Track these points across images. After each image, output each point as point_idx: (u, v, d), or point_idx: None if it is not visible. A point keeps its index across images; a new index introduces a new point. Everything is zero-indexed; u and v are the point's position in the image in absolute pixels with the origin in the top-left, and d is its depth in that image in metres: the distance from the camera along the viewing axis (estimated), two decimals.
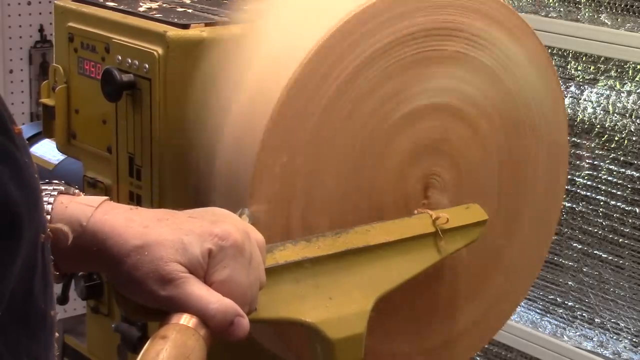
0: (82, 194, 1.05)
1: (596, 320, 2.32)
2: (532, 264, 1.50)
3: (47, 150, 1.82)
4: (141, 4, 1.63)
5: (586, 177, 2.26)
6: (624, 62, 2.19)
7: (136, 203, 1.51)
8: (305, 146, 1.24)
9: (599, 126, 2.23)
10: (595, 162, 2.23)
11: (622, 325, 2.27)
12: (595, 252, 2.26)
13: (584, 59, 2.27)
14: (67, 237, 0.99)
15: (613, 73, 2.22)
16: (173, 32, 1.46)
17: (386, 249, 1.24)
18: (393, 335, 1.36)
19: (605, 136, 2.22)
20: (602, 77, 2.24)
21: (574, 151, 2.25)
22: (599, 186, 2.23)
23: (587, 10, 2.23)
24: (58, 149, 1.71)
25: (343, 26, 1.25)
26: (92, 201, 1.01)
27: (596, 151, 2.23)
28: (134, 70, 1.48)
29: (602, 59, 2.23)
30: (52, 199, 1.01)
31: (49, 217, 1.00)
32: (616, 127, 2.19)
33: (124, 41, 1.51)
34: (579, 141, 2.26)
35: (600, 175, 2.23)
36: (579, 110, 2.26)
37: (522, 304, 2.40)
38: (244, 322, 0.99)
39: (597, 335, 2.32)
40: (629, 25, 2.16)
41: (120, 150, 1.53)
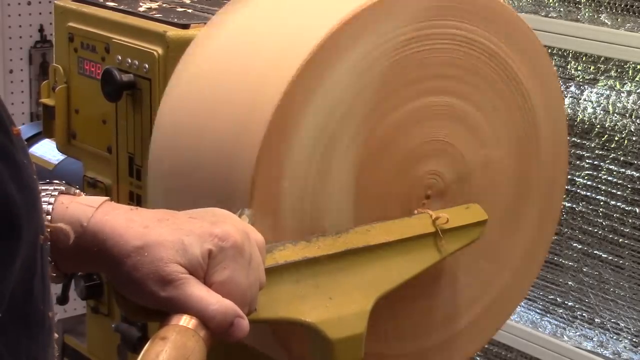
0: (82, 194, 1.05)
1: (596, 320, 2.31)
2: (532, 264, 1.50)
3: (47, 150, 1.82)
4: (141, 4, 1.64)
5: (586, 177, 2.25)
6: (624, 62, 2.19)
7: (136, 203, 1.51)
8: (305, 146, 1.24)
9: (599, 126, 2.22)
10: (595, 162, 2.23)
11: (622, 325, 2.27)
12: (595, 252, 2.26)
13: (584, 59, 2.26)
14: (68, 237, 0.99)
15: (613, 73, 2.22)
16: (173, 32, 1.46)
17: (386, 249, 1.24)
18: (391, 335, 1.36)
19: (605, 136, 2.22)
20: (602, 77, 2.24)
21: (574, 151, 2.25)
22: (599, 186, 2.23)
23: (587, 10, 2.23)
24: (58, 149, 1.71)
25: (349, 21, 1.25)
26: (93, 201, 1.01)
27: (596, 151, 2.23)
28: (134, 70, 1.48)
29: (602, 59, 2.23)
30: (52, 199, 1.01)
31: (49, 217, 1.00)
32: (616, 127, 2.19)
33: (124, 41, 1.51)
34: (579, 141, 2.26)
35: (600, 175, 2.23)
36: (579, 110, 2.26)
37: (522, 304, 2.40)
38: (244, 323, 0.99)
39: (597, 335, 2.32)
40: (629, 25, 2.16)
41: (120, 150, 1.53)
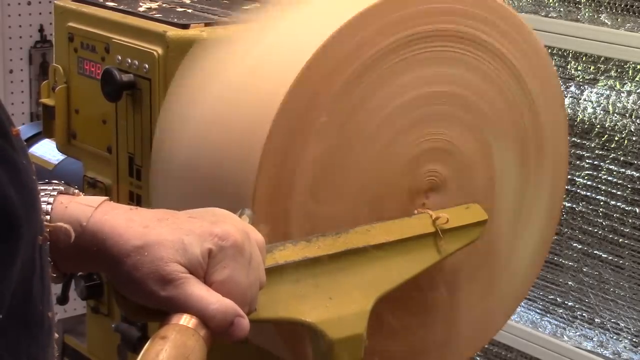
0: (81, 194, 1.05)
1: (596, 320, 2.31)
2: (532, 264, 1.50)
3: (47, 150, 1.82)
4: (141, 4, 1.64)
5: (586, 177, 2.25)
6: (624, 62, 2.19)
7: (136, 203, 1.51)
8: (309, 144, 1.24)
9: (599, 126, 2.22)
10: (595, 162, 2.23)
11: (622, 325, 2.27)
12: (595, 252, 2.26)
13: (584, 59, 2.26)
14: (69, 236, 0.99)
15: (613, 73, 2.22)
16: (173, 32, 1.46)
17: (386, 249, 1.24)
18: (391, 335, 1.36)
19: (605, 136, 2.21)
20: (602, 77, 2.23)
21: (574, 151, 2.25)
22: (599, 186, 2.23)
23: (587, 10, 2.23)
24: (58, 149, 1.71)
25: (349, 23, 1.25)
26: (92, 201, 1.01)
27: (596, 151, 2.23)
28: (134, 70, 1.48)
29: (602, 59, 2.23)
30: (51, 199, 1.01)
31: (48, 217, 1.00)
32: (616, 127, 2.19)
33: (124, 41, 1.51)
34: (579, 141, 2.25)
35: (600, 175, 2.23)
36: (579, 110, 2.25)
37: (522, 304, 2.39)
38: (244, 323, 0.99)
39: (597, 335, 2.32)
40: (629, 25, 2.16)
41: (120, 150, 1.53)
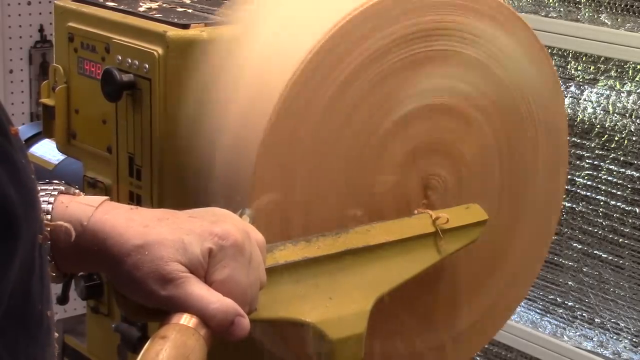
0: (82, 194, 1.05)
1: (596, 320, 2.32)
2: (532, 264, 1.50)
3: (47, 150, 1.82)
4: (141, 4, 1.63)
5: (586, 177, 2.26)
6: (624, 62, 2.19)
7: (136, 203, 1.51)
8: (305, 146, 1.24)
9: (599, 126, 2.22)
10: (595, 162, 2.23)
11: (622, 325, 2.27)
12: (595, 252, 2.26)
13: (584, 59, 2.26)
14: (70, 235, 0.99)
15: (613, 73, 2.22)
16: (173, 32, 1.46)
17: (386, 249, 1.24)
18: (393, 335, 1.36)
19: (605, 136, 2.22)
20: (602, 77, 2.24)
21: (574, 151, 2.25)
22: (599, 186, 2.23)
23: (587, 10, 2.23)
24: (58, 149, 1.70)
25: (344, 26, 1.25)
26: (93, 201, 1.01)
27: (596, 151, 2.23)
28: (134, 70, 1.48)
29: (602, 59, 2.23)
30: (52, 198, 1.01)
31: (49, 217, 1.00)
32: (616, 127, 2.19)
33: (124, 41, 1.51)
34: (579, 141, 2.26)
35: (600, 175, 2.23)
36: (579, 110, 2.26)
37: (522, 304, 2.40)
38: (244, 322, 0.99)
39: (597, 335, 2.32)
40: (629, 25, 2.16)
41: (120, 150, 1.53)
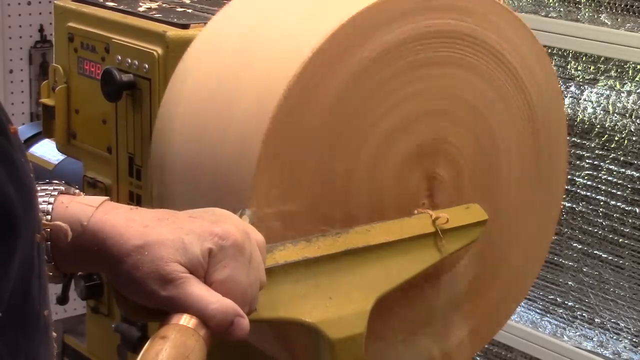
0: (82, 194, 1.05)
1: (596, 320, 2.32)
2: (532, 264, 1.50)
3: (47, 150, 1.82)
4: (141, 4, 1.64)
5: (586, 177, 2.26)
6: (624, 62, 2.19)
7: (136, 203, 1.51)
8: (308, 145, 1.24)
9: (599, 126, 2.22)
10: (595, 162, 2.23)
11: (622, 325, 2.27)
12: (595, 252, 2.26)
13: (584, 59, 2.26)
14: (66, 235, 0.99)
15: (613, 73, 2.22)
16: (173, 32, 1.46)
17: (386, 249, 1.24)
18: (393, 334, 1.36)
19: (605, 136, 2.22)
20: (602, 77, 2.24)
21: (574, 151, 2.25)
22: (599, 186, 2.23)
23: (587, 10, 2.23)
24: (58, 149, 1.71)
25: (348, 24, 1.25)
26: (93, 201, 1.01)
27: (596, 151, 2.23)
28: (133, 70, 1.48)
29: (602, 59, 2.23)
30: (52, 198, 1.01)
31: (49, 217, 1.00)
32: (616, 127, 2.19)
33: (124, 41, 1.51)
34: (579, 141, 2.26)
35: (600, 175, 2.23)
36: (579, 110, 2.26)
37: (522, 304, 2.40)
38: (244, 322, 0.99)
39: (597, 335, 2.32)
40: (629, 25, 2.16)
41: (120, 150, 1.53)
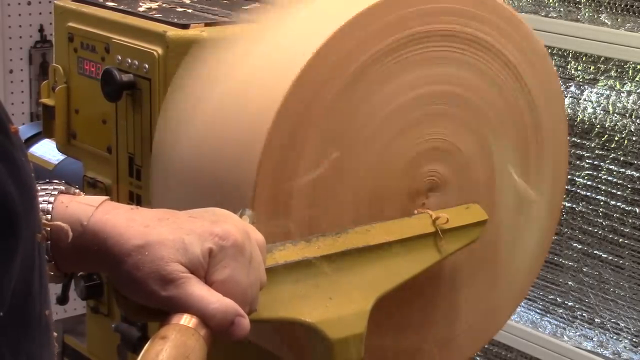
0: (82, 193, 1.05)
1: (596, 320, 2.31)
2: (532, 264, 1.50)
3: (47, 150, 1.82)
4: (141, 4, 1.64)
5: (586, 177, 2.26)
6: (624, 62, 2.19)
7: (136, 203, 1.51)
8: (308, 144, 1.24)
9: (599, 126, 2.22)
10: (595, 162, 2.23)
11: (622, 325, 2.27)
12: (595, 252, 2.26)
13: (584, 59, 2.26)
14: (67, 235, 0.99)
15: (613, 73, 2.22)
16: (173, 32, 1.46)
17: (386, 249, 1.24)
18: (395, 331, 1.36)
19: (605, 136, 2.22)
20: (602, 77, 2.24)
21: (574, 151, 2.25)
22: (599, 186, 2.23)
23: (587, 10, 2.23)
24: (58, 149, 1.71)
25: (347, 25, 1.25)
26: (93, 201, 1.01)
27: (596, 151, 2.23)
28: (134, 70, 1.48)
29: (602, 59, 2.23)
30: (52, 198, 1.01)
31: (49, 217, 1.00)
32: (616, 127, 2.19)
33: (124, 41, 1.51)
34: (579, 141, 2.26)
35: (600, 175, 2.23)
36: (579, 110, 2.26)
37: (522, 304, 2.40)
38: (245, 322, 0.99)
39: (597, 335, 2.32)
40: (629, 25, 2.16)
41: (120, 150, 1.53)
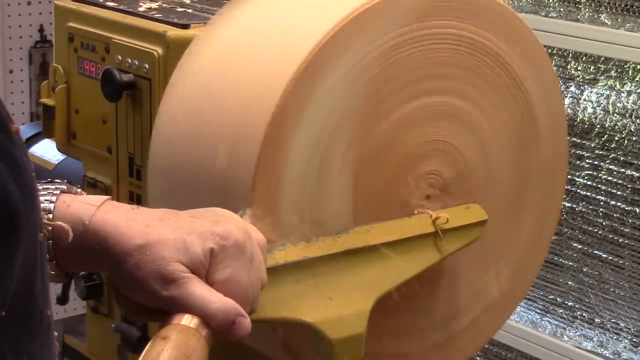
0: (84, 193, 1.05)
1: (596, 320, 2.32)
2: (532, 263, 1.50)
3: (47, 150, 1.82)
4: (141, 4, 1.64)
5: (586, 177, 2.26)
6: (624, 62, 2.19)
7: (136, 203, 1.51)
8: (308, 143, 1.24)
9: (599, 126, 2.23)
10: (595, 162, 2.23)
11: (622, 325, 2.27)
12: (595, 252, 2.26)
13: (584, 59, 2.27)
14: (67, 235, 0.99)
15: (613, 73, 2.22)
16: (173, 32, 1.46)
17: (386, 249, 1.24)
18: (392, 335, 1.36)
19: (605, 136, 2.22)
20: (602, 77, 2.24)
21: (574, 151, 2.25)
22: (599, 186, 2.23)
23: (587, 10, 2.23)
24: (58, 149, 1.71)
25: (348, 24, 1.24)
26: (95, 200, 1.01)
27: (596, 151, 2.23)
28: (134, 70, 1.48)
29: (602, 59, 2.23)
30: (54, 197, 1.01)
31: (51, 216, 1.00)
32: (616, 127, 2.19)
33: (124, 41, 1.51)
34: (579, 141, 2.26)
35: (600, 175, 2.23)
36: (579, 110, 2.26)
37: (522, 304, 2.40)
38: (246, 322, 0.99)
39: (597, 335, 2.32)
40: (629, 25, 2.16)
41: (120, 150, 1.54)
